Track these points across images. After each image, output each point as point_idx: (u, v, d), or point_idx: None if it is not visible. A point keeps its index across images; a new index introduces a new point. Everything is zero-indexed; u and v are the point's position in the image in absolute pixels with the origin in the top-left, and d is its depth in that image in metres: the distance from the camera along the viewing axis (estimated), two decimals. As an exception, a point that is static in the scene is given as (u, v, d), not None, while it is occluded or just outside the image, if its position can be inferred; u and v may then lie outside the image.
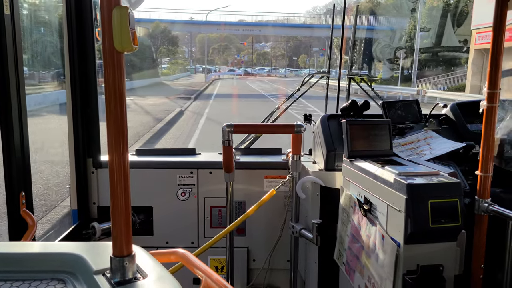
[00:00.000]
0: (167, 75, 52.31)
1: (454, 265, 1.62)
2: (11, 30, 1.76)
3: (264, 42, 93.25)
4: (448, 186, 1.58)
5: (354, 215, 1.94)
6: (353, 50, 3.60)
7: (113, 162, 0.91)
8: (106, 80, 0.88)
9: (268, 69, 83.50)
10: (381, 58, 41.34)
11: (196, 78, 56.22)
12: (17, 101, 1.84)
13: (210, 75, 55.81)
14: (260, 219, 2.63)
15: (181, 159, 2.72)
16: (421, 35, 34.13)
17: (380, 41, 40.99)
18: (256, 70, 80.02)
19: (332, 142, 2.32)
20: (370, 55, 40.74)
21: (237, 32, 74.97)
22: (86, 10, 2.43)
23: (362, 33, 40.57)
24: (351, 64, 3.51)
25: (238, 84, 46.85)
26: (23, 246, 1.20)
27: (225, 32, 75.40)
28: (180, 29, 66.76)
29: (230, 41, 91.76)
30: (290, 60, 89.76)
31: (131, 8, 0.87)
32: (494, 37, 1.89)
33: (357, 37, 39.97)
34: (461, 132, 2.48)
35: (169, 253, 1.24)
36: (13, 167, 1.86)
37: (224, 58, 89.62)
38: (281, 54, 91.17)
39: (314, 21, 79.73)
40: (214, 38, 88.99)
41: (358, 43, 39.48)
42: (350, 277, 1.96)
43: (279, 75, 74.78)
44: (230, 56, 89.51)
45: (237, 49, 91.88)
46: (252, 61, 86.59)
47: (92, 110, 2.53)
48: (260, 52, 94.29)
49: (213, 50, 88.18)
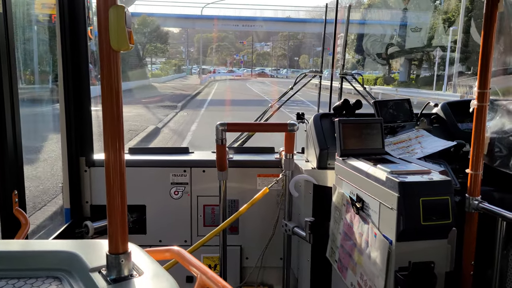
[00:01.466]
0: (157, 76, 46.44)
1: (445, 262, 1.64)
2: (4, 28, 1.75)
3: (264, 42, 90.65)
4: (439, 184, 1.61)
5: (346, 213, 1.96)
6: (345, 50, 3.62)
7: (109, 160, 0.92)
8: (103, 79, 0.89)
9: (269, 70, 78.91)
10: (396, 56, 36.61)
11: (191, 79, 51.98)
12: (9, 100, 1.83)
13: (206, 77, 51.03)
14: (253, 217, 2.64)
15: (174, 157, 2.72)
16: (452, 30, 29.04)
17: (408, 36, 35.37)
18: (256, 71, 75.18)
19: (324, 140, 2.34)
20: (382, 52, 36.64)
21: (235, 28, 69.73)
22: (79, 9, 2.42)
23: (371, 29, 37.57)
24: (343, 63, 3.53)
25: (237, 87, 42.03)
26: (18, 244, 1.20)
27: (223, 27, 70.60)
28: (172, 25, 62.50)
29: (229, 40, 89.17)
30: (291, 61, 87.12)
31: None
32: (485, 37, 1.92)
33: (366, 33, 36.64)
34: (452, 131, 2.51)
35: (164, 250, 1.25)
36: (6, 165, 1.85)
37: (223, 58, 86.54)
38: (282, 54, 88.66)
39: (318, 17, 75.58)
40: (212, 38, 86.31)
41: (367, 38, 35.52)
42: (343, 274, 1.98)
43: (280, 76, 70.77)
44: (229, 56, 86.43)
45: (236, 49, 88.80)
46: (252, 61, 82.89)
47: (85, 108, 2.53)
48: (260, 52, 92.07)
49: (211, 50, 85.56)
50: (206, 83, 43.67)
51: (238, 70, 75.78)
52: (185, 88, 35.44)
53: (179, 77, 54.37)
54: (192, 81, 46.72)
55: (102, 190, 2.59)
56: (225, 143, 2.38)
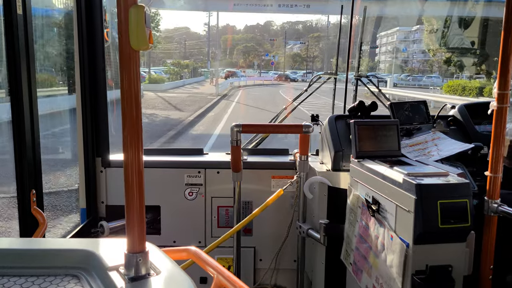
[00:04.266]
0: (157, 82, 34.81)
1: (463, 265, 1.62)
2: (23, 29, 1.78)
3: (296, 40, 79.36)
4: (457, 187, 1.58)
5: (362, 215, 1.94)
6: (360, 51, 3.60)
7: (128, 161, 0.92)
8: (122, 79, 0.89)
9: (303, 73, 60.61)
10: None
11: (208, 85, 39.34)
12: (28, 100, 1.86)
13: (226, 82, 37.69)
14: (267, 219, 2.63)
15: (189, 158, 2.73)
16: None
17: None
18: (274, 74, 57.74)
19: (339, 142, 2.32)
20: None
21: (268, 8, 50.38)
22: (96, 11, 2.45)
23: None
24: (358, 65, 3.50)
25: (268, 96, 29.34)
26: (37, 242, 1.22)
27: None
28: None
29: (257, 41, 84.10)
30: (323, 62, 76.06)
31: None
32: (505, 38, 1.89)
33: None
34: (469, 133, 2.48)
35: (181, 250, 1.25)
36: (24, 165, 1.88)
37: (250, 60, 79.26)
38: (315, 56, 79.82)
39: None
40: (239, 39, 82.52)
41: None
42: (358, 277, 1.96)
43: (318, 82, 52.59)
44: (257, 58, 78.54)
45: (265, 51, 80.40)
46: (284, 62, 71.46)
47: (101, 110, 2.56)
48: (289, 53, 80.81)
49: (237, 51, 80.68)
50: (225, 91, 32.61)
51: (268, 73, 61.56)
52: (188, 102, 23.21)
53: (193, 82, 44.58)
54: (206, 89, 35.28)
55: (118, 191, 2.63)
56: (240, 144, 2.38)
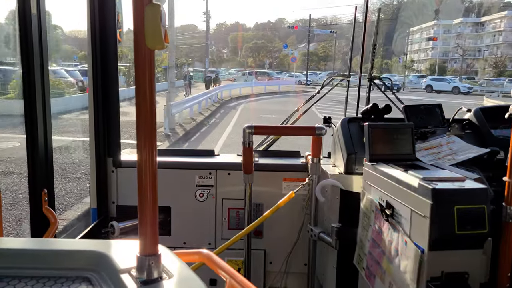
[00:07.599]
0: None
1: (480, 273, 1.58)
2: (37, 29, 1.79)
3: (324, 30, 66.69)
4: (475, 192, 1.55)
5: (375, 219, 1.91)
6: (374, 53, 3.56)
7: (142, 161, 0.91)
8: (137, 78, 0.88)
9: (326, 74, 44.80)
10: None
11: (182, 94, 24.75)
12: (42, 101, 1.86)
13: (214, 91, 24.47)
14: (278, 222, 2.61)
15: (200, 160, 2.72)
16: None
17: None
18: (316, 76, 48.21)
19: (352, 145, 2.29)
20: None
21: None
22: (109, 11, 2.45)
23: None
24: (371, 67, 3.47)
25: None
26: (48, 243, 1.21)
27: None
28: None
29: (269, 39, 78.88)
30: (337, 62, 69.04)
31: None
32: None
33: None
34: (485, 138, 2.43)
35: (194, 253, 1.23)
36: (36, 165, 1.88)
37: (260, 59, 72.35)
38: (329, 55, 73.90)
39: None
40: (249, 37, 78.42)
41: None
42: (370, 282, 1.93)
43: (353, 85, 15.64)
44: (269, 55, 71.58)
45: (278, 51, 73.20)
46: (308, 61, 53.75)
47: (113, 110, 2.56)
48: (303, 52, 66.20)
49: (246, 49, 75.93)
50: (197, 117, 16.82)
51: (282, 73, 49.71)
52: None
53: (161, 90, 22.47)
54: (159, 110, 13.25)
55: (129, 191, 2.63)
56: (251, 146, 2.37)
